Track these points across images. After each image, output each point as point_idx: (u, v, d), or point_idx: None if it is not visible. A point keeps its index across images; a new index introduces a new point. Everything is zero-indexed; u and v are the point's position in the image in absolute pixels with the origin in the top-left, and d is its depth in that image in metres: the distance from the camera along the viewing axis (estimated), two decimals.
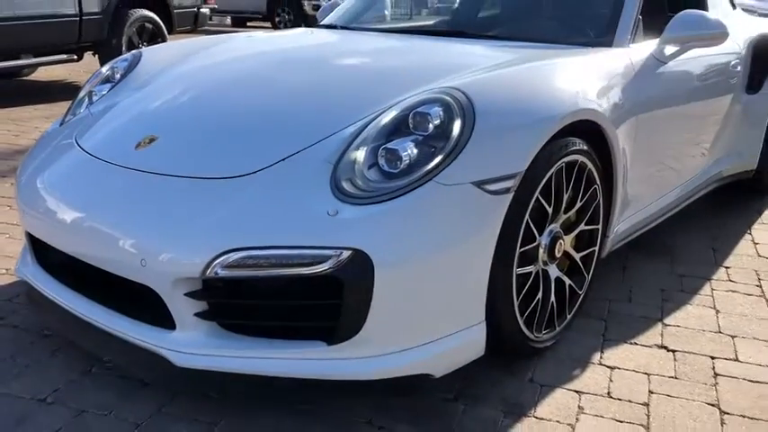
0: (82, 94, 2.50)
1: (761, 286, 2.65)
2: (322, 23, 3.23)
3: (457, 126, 1.72)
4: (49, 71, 7.63)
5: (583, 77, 2.11)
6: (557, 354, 2.11)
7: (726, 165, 3.27)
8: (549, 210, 1.97)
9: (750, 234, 3.22)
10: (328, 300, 1.60)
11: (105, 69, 2.58)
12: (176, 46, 2.76)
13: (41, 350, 2.07)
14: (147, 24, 6.87)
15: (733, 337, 2.26)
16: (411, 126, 1.76)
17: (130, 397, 1.85)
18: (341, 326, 1.61)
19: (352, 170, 1.70)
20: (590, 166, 2.08)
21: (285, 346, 1.66)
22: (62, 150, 2.12)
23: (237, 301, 1.69)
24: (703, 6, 3.20)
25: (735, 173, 3.41)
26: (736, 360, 2.12)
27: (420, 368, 1.70)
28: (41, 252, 2.07)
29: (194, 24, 7.75)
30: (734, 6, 3.68)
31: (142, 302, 1.74)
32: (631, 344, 2.20)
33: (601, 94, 2.14)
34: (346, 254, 1.56)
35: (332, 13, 3.28)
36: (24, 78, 7.40)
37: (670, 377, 2.02)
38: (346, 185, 1.66)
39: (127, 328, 1.76)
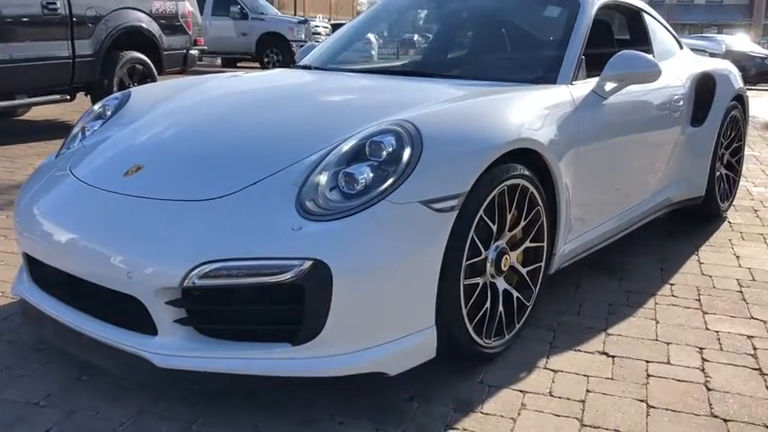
0: (76, 129, 2.74)
1: (700, 300, 2.88)
2: (298, 64, 3.51)
3: (407, 153, 1.97)
4: (43, 110, 7.89)
5: (525, 110, 2.37)
6: (506, 359, 2.33)
7: (674, 192, 3.53)
8: (494, 227, 2.21)
9: (697, 255, 3.46)
10: (292, 305, 1.82)
11: (97, 107, 2.82)
12: (163, 85, 3.01)
13: (35, 362, 2.26)
14: (138, 66, 7.16)
15: (668, 343, 2.48)
16: (367, 153, 2.01)
17: (116, 400, 2.04)
18: (303, 328, 1.83)
19: (315, 192, 1.94)
20: (532, 189, 2.32)
21: (254, 348, 1.87)
22: (57, 179, 2.35)
23: (212, 308, 1.90)
24: (648, 47, 3.49)
25: (684, 199, 3.67)
26: (668, 363, 2.34)
27: (375, 367, 1.91)
28: (36, 271, 2.28)
29: (184, 65, 8.05)
30: (681, 47, 3.99)
31: (127, 312, 1.95)
32: (575, 350, 2.42)
33: (541, 126, 2.39)
34: (307, 264, 1.79)
35: (308, 55, 3.55)
36: (19, 118, 7.66)
37: (606, 378, 2.24)
38: (309, 205, 1.90)
39: (113, 335, 1.97)
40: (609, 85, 2.79)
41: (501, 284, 2.30)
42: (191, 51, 8.09)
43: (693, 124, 3.62)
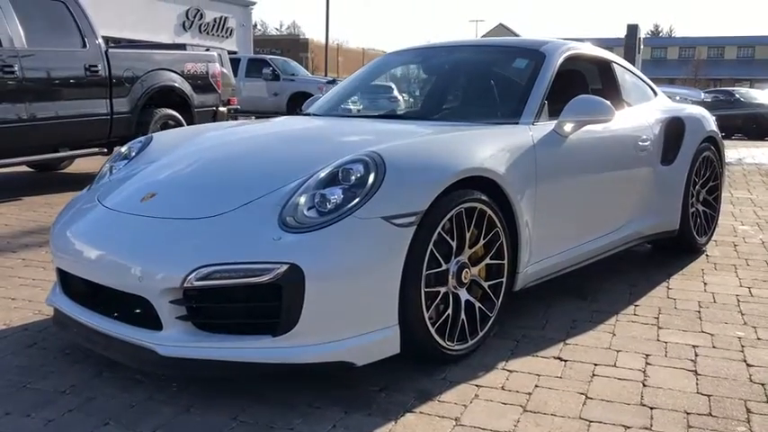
0: (105, 167, 3.20)
1: (658, 318, 3.17)
2: (302, 113, 3.97)
3: (371, 177, 2.36)
4: (83, 164, 8.51)
5: (483, 144, 2.75)
6: (469, 361, 2.64)
7: (643, 225, 3.83)
8: (454, 244, 2.56)
9: (667, 282, 3.75)
10: (272, 302, 2.19)
11: (123, 149, 3.29)
12: (180, 131, 3.48)
13: (63, 362, 2.65)
14: (170, 121, 7.75)
15: (618, 351, 2.77)
16: (340, 178, 2.40)
17: (129, 389, 2.41)
18: (281, 322, 2.20)
19: (294, 210, 2.33)
20: (489, 212, 2.68)
21: (242, 339, 2.24)
22: (87, 207, 2.79)
23: (207, 306, 2.28)
24: (617, 93, 3.87)
25: (657, 232, 3.97)
26: (614, 366, 2.63)
27: (343, 357, 2.26)
28: (66, 284, 2.70)
29: (213, 121, 8.64)
30: (656, 94, 4.35)
31: (137, 311, 2.34)
32: (533, 356, 2.72)
33: (499, 158, 2.76)
34: (284, 267, 2.17)
35: (311, 105, 4.02)
36: (62, 171, 8.29)
37: (555, 377, 2.54)
38: (289, 220, 2.29)
39: (126, 331, 2.36)
40: (568, 126, 3.16)
41: (463, 295, 2.64)
42: (220, 108, 8.69)
43: (664, 163, 3.95)
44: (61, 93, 6.54)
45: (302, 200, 2.35)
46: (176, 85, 7.84)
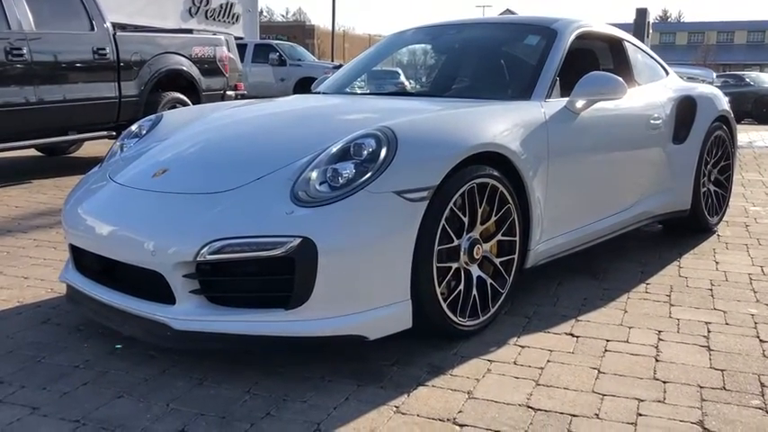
0: (116, 145, 3.20)
1: (670, 296, 3.16)
2: (313, 91, 3.96)
3: (383, 152, 2.35)
4: (91, 148, 8.52)
5: (495, 120, 2.74)
6: (481, 337, 2.64)
7: (655, 205, 3.81)
8: (466, 220, 2.55)
9: (679, 261, 3.73)
10: (284, 275, 2.20)
11: (134, 127, 3.29)
12: (190, 109, 3.47)
13: (77, 338, 2.66)
14: (178, 105, 7.74)
15: (630, 327, 2.77)
16: (352, 153, 2.39)
17: (142, 364, 2.42)
18: (294, 295, 2.20)
19: (307, 185, 2.33)
20: (501, 188, 2.67)
21: (254, 313, 2.24)
22: (99, 184, 2.79)
23: (220, 280, 2.28)
24: (628, 72, 3.84)
25: (668, 212, 3.95)
26: (627, 342, 2.63)
27: (355, 330, 2.26)
28: (79, 260, 2.70)
29: None
30: (667, 73, 4.32)
31: (151, 286, 2.35)
32: (545, 332, 2.72)
33: (511, 134, 2.75)
34: (297, 240, 2.17)
35: (322, 84, 4.01)
36: (71, 155, 8.31)
37: (568, 352, 2.53)
38: (301, 194, 2.29)
39: (140, 306, 2.36)
40: (579, 102, 3.13)
41: (475, 271, 2.63)
42: (227, 92, 8.67)
43: (675, 142, 3.92)
44: (69, 76, 6.54)
45: (314, 174, 2.35)
46: (184, 68, 7.83)
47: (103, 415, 2.06)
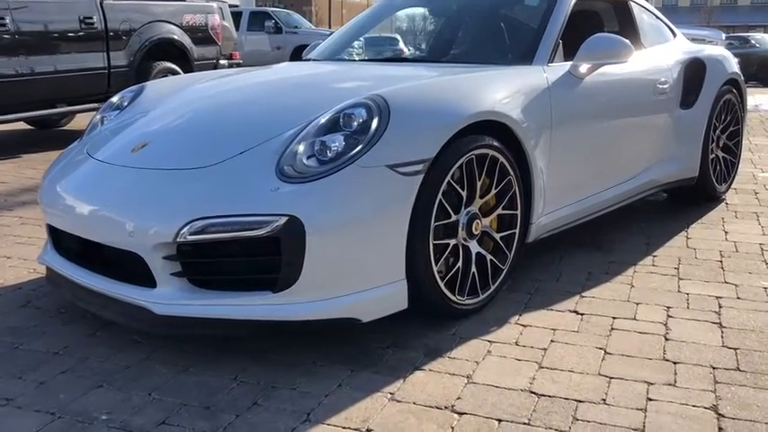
0: (96, 118, 3.05)
1: (678, 269, 3.03)
2: (304, 58, 3.78)
3: (375, 123, 2.20)
4: (82, 122, 8.34)
5: (494, 86, 2.58)
6: (481, 315, 2.52)
7: (663, 172, 3.66)
8: (464, 193, 2.41)
9: (686, 232, 3.59)
10: (271, 256, 2.06)
11: (115, 99, 3.13)
12: (175, 79, 3.31)
13: (57, 322, 2.54)
14: (170, 74, 7.54)
15: (638, 303, 2.64)
16: (341, 124, 2.24)
17: (124, 350, 2.30)
18: (281, 277, 2.06)
19: (293, 159, 2.18)
20: (502, 159, 2.52)
21: (240, 296, 2.11)
22: (76, 160, 2.64)
23: (203, 261, 2.15)
24: (635, 34, 3.65)
25: (676, 180, 3.80)
26: (634, 319, 2.50)
27: (347, 313, 2.13)
28: (58, 241, 2.57)
29: None
30: (675, 35, 4.13)
31: (131, 269, 2.21)
32: (548, 310, 2.59)
33: (512, 101, 2.59)
34: (283, 219, 2.03)
35: (313, 51, 3.82)
36: (60, 128, 8.13)
37: (572, 331, 2.41)
38: (287, 169, 2.14)
39: (120, 289, 2.23)
40: (583, 67, 2.97)
41: (474, 247, 2.50)
42: (220, 61, 8.45)
43: (683, 107, 3.76)
44: (56, 46, 6.33)
45: (301, 148, 2.20)
46: (175, 37, 7.60)
47: (81, 406, 1.95)
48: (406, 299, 2.25)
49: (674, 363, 2.17)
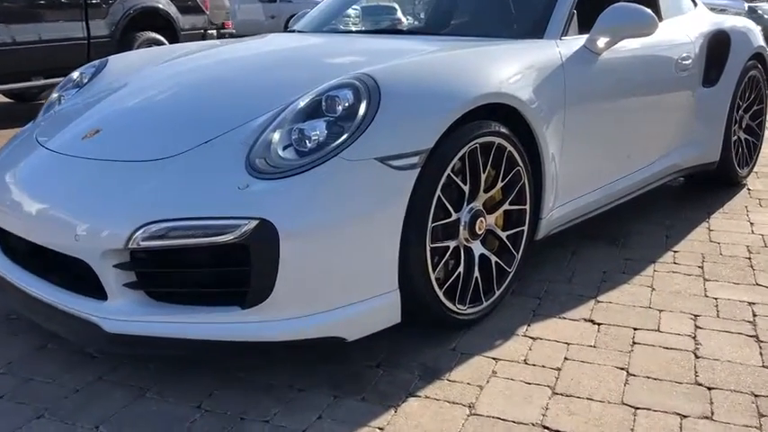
0: (53, 96, 2.71)
1: (702, 267, 2.72)
2: (289, 30, 3.42)
3: (363, 107, 1.87)
4: None
5: (501, 64, 2.24)
6: (484, 326, 2.21)
7: (683, 157, 3.34)
8: (466, 188, 2.09)
9: (708, 222, 3.28)
10: (239, 266, 1.75)
11: (75, 75, 2.79)
12: (143, 53, 2.96)
13: (3, 331, 2.23)
14: (154, 46, 7.15)
15: (660, 311, 2.34)
16: (324, 109, 1.91)
17: (76, 367, 2.00)
18: (252, 291, 1.75)
19: (267, 150, 1.85)
20: (510, 148, 2.20)
21: (205, 312, 1.80)
22: (22, 147, 2.32)
23: (161, 271, 1.84)
24: (654, 3, 3.30)
25: (696, 165, 3.48)
26: (657, 330, 2.20)
27: (331, 331, 1.83)
28: (4, 240, 2.25)
29: None
30: (695, 4, 3.77)
31: (81, 277, 1.90)
32: (560, 318, 2.29)
33: (521, 80, 2.26)
34: (253, 223, 1.71)
35: (299, 22, 3.47)
36: (41, 102, 7.75)
37: (588, 346, 2.11)
38: (259, 163, 1.82)
39: (66, 300, 1.92)
40: (601, 41, 2.63)
41: (477, 249, 2.19)
42: (209, 31, 8.06)
43: (705, 85, 3.42)
44: (30, 15, 5.95)
45: (276, 136, 1.88)
46: (160, 6, 7.21)
47: None
48: (399, 312, 1.95)
49: (709, 388, 1.87)
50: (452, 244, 2.09)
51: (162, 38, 7.25)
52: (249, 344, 1.80)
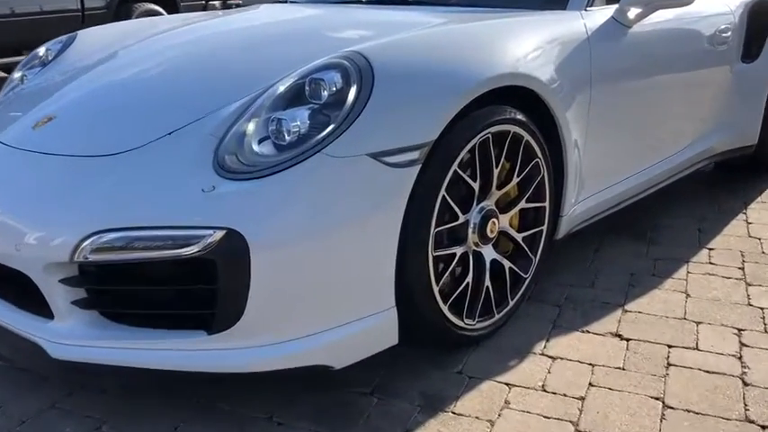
0: (15, 75, 2.42)
1: (743, 269, 2.41)
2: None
3: (352, 92, 1.56)
4: None
5: (518, 39, 1.93)
6: (495, 343, 1.93)
7: (718, 140, 3.01)
8: (476, 185, 1.80)
9: (745, 214, 2.96)
10: (203, 285, 1.47)
11: (41, 51, 2.49)
12: (117, 26, 2.66)
13: None
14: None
15: (698, 323, 2.04)
16: (307, 94, 1.61)
17: (28, 393, 1.74)
18: (219, 313, 1.48)
19: (239, 144, 1.56)
20: (527, 137, 1.90)
21: (166, 337, 1.53)
22: None
23: (115, 288, 1.56)
24: None
25: (732, 148, 3.15)
26: (696, 349, 1.91)
27: (314, 359, 1.55)
28: None
29: None
30: None
31: (30, 292, 1.63)
32: (582, 332, 2.01)
33: (541, 58, 1.95)
34: (218, 234, 1.43)
35: None
36: None
37: (616, 368, 1.82)
38: (229, 160, 1.53)
39: (12, 318, 1.65)
40: (632, 11, 2.29)
41: (489, 254, 1.90)
42: (211, 2, 7.73)
43: (745, 60, 3.07)
44: None
45: (250, 127, 1.58)
46: None
47: None
48: (396, 332, 1.67)
49: (763, 426, 1.59)
50: (459, 250, 1.80)
51: (160, 9, 6.95)
52: (218, 375, 1.52)
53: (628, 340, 1.96)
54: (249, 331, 1.49)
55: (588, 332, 2.01)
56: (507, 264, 1.95)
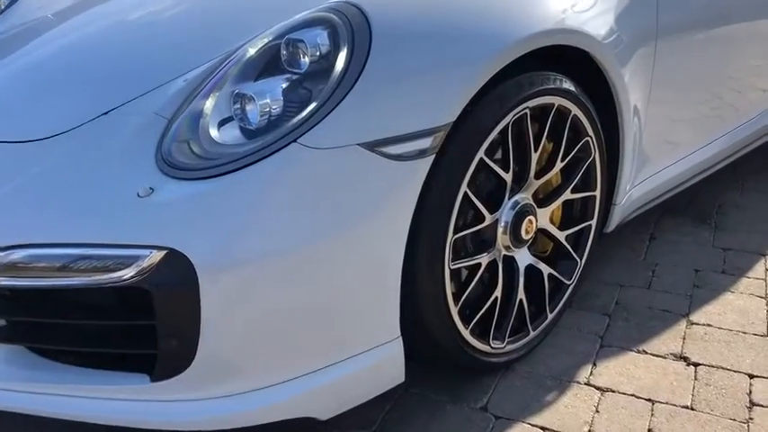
0: None
1: None
2: None
3: (342, 57, 1.16)
4: None
5: None
6: (528, 368, 1.56)
7: None
8: (508, 176, 1.39)
9: None
10: (140, 319, 1.11)
11: None
12: None
13: None
14: None
15: None
16: (283, 61, 1.21)
17: None
18: (162, 355, 1.12)
19: (193, 128, 1.18)
20: (576, 111, 1.48)
21: (102, 381, 1.18)
22: None
23: (40, 320, 1.21)
24: None
25: None
26: None
27: (292, 411, 1.19)
28: None
29: None
30: None
31: None
32: (638, 352, 1.62)
33: (595, 8, 1.51)
34: (156, 255, 1.06)
35: None
36: None
37: (683, 407, 1.44)
38: (177, 150, 1.15)
39: None
40: None
41: (523, 258, 1.51)
42: None
43: None
44: None
45: (207, 105, 1.20)
46: None
47: None
48: (402, 368, 1.30)
49: None
50: (485, 259, 1.41)
51: None
52: None
53: (696, 365, 1.56)
54: (204, 378, 1.13)
55: (645, 352, 1.61)
56: (546, 270, 1.56)
